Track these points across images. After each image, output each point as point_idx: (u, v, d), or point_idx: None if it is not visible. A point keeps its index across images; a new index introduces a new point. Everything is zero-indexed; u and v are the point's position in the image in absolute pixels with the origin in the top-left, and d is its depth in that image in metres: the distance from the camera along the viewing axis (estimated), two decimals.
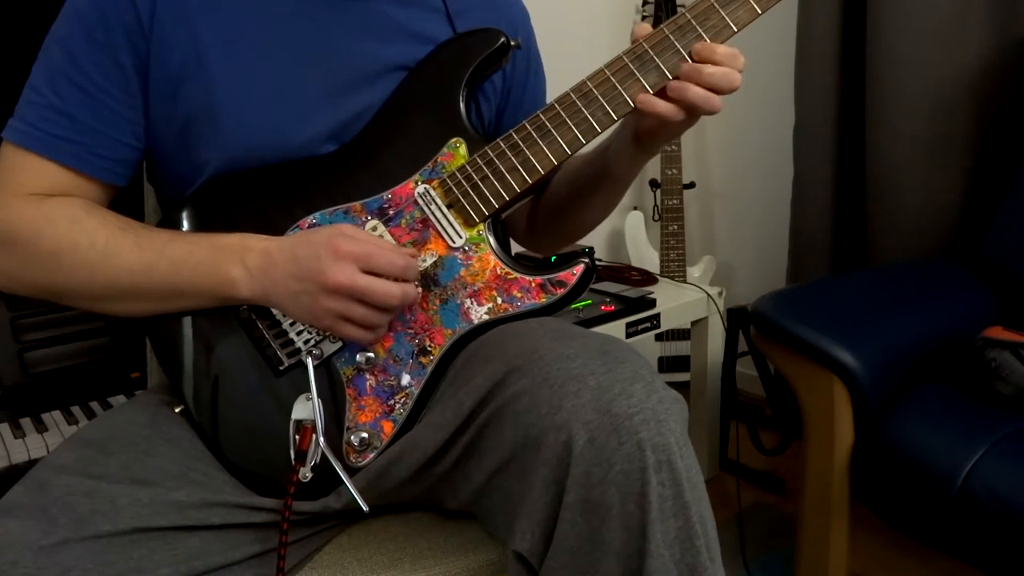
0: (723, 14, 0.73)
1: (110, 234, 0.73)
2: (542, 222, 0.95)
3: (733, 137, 2.14)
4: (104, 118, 0.75)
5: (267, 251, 0.72)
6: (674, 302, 1.65)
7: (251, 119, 0.76)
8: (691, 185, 2.08)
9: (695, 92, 0.71)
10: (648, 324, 1.58)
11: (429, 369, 0.75)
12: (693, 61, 0.72)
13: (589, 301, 1.58)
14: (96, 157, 0.76)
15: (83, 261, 0.72)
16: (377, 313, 0.71)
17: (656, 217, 2.04)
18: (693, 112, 0.73)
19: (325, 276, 0.69)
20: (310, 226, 0.77)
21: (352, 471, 0.73)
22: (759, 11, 0.74)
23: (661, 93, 0.73)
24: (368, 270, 0.70)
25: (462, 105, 0.78)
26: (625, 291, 1.64)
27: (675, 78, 0.72)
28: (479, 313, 0.75)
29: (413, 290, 0.73)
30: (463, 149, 0.77)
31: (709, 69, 0.71)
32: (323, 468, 0.71)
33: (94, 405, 1.22)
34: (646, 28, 0.74)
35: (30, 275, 0.75)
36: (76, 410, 1.21)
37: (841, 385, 1.16)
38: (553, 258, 0.78)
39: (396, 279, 0.71)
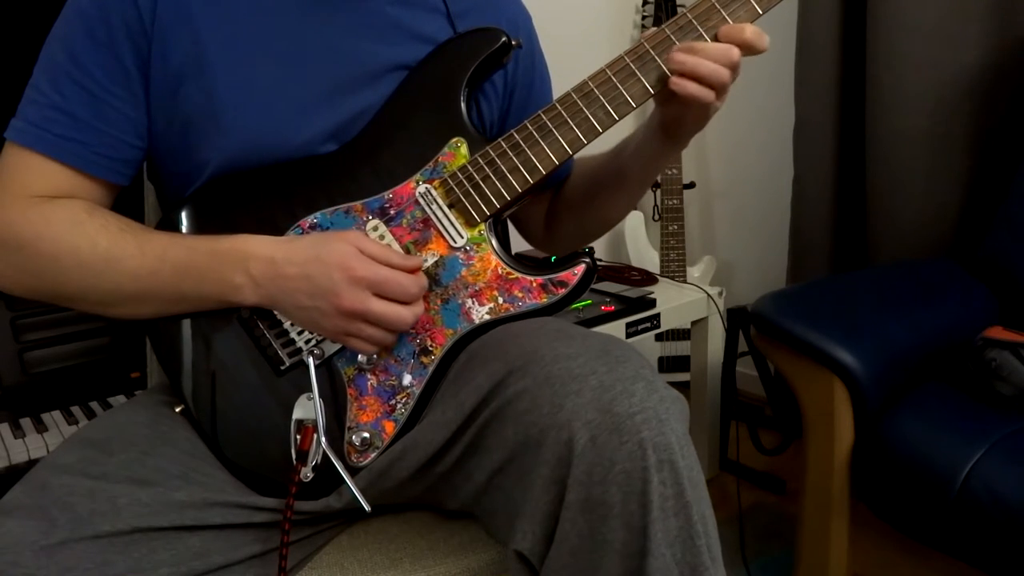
0: (724, 14, 0.73)
1: (111, 238, 0.73)
2: (561, 222, 0.94)
3: (733, 137, 2.14)
4: (106, 117, 0.75)
5: (272, 259, 0.72)
6: (674, 302, 1.65)
7: (252, 118, 0.76)
8: (691, 185, 2.08)
9: (706, 66, 0.71)
10: (648, 324, 1.58)
11: (430, 369, 0.75)
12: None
13: (589, 301, 1.58)
14: (98, 156, 0.76)
15: (84, 265, 0.72)
16: (385, 333, 0.72)
17: (656, 217, 2.04)
18: (715, 89, 0.72)
19: (340, 300, 0.69)
20: (311, 226, 0.76)
21: (353, 471, 0.73)
22: (759, 11, 0.74)
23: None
24: (380, 295, 0.70)
25: (463, 104, 0.78)
26: (625, 291, 1.64)
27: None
28: (480, 313, 0.75)
29: (422, 309, 0.74)
30: (464, 149, 0.77)
31: (701, 45, 0.71)
32: (324, 468, 0.71)
33: (94, 405, 1.22)
34: (654, 30, 0.74)
35: (32, 278, 0.74)
36: (76, 410, 1.21)
37: (841, 385, 1.16)
38: (553, 258, 0.78)
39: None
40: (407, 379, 0.75)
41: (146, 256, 0.73)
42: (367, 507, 0.70)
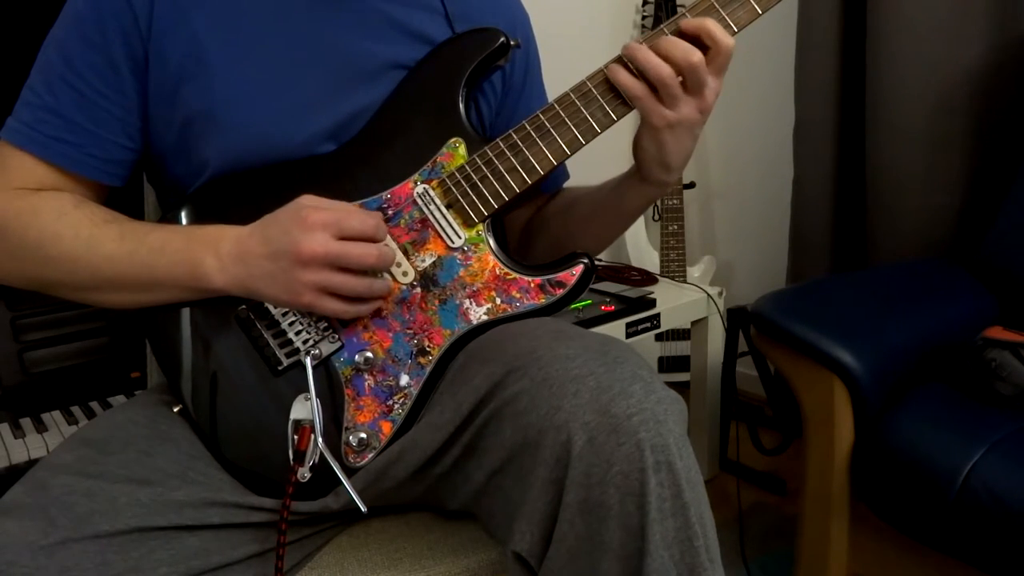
0: (723, 14, 0.73)
1: (95, 225, 0.74)
2: (535, 242, 0.93)
3: (733, 137, 2.14)
4: (97, 119, 0.75)
5: (239, 238, 0.72)
6: (674, 302, 1.65)
7: (250, 119, 0.76)
8: (691, 185, 2.08)
9: (643, 53, 0.70)
10: (648, 324, 1.58)
11: (428, 369, 0.75)
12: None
13: (589, 301, 1.58)
14: (89, 157, 0.76)
15: (67, 251, 0.73)
16: (357, 279, 0.70)
17: (656, 217, 2.04)
18: (661, 90, 0.71)
19: (299, 248, 0.68)
20: None
21: (351, 471, 0.73)
22: (759, 11, 0.74)
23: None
24: (341, 236, 0.69)
25: (461, 105, 0.78)
26: (625, 291, 1.64)
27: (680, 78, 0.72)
28: (478, 313, 0.75)
29: (388, 250, 0.72)
30: (462, 149, 0.77)
31: (667, 38, 0.70)
32: (322, 468, 0.71)
33: (94, 405, 1.22)
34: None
35: (18, 266, 0.76)
36: (76, 410, 1.21)
37: (841, 385, 1.16)
38: None
39: (370, 240, 0.71)
40: (404, 379, 0.75)
41: (125, 240, 0.73)
42: (363, 508, 0.70)
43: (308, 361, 0.73)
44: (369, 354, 0.75)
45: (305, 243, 0.68)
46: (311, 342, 0.75)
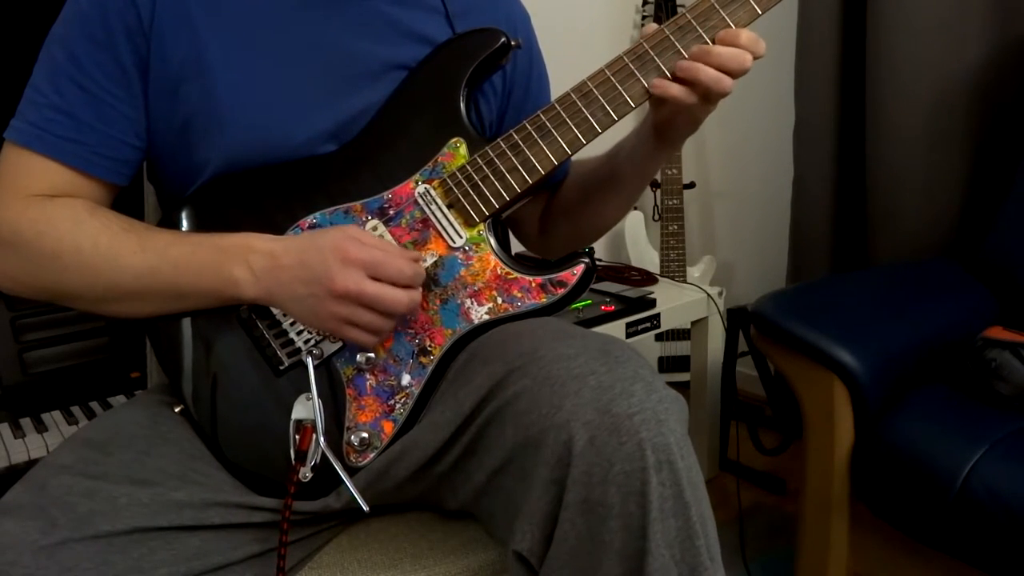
0: (723, 14, 0.73)
1: (113, 235, 0.73)
2: (555, 225, 0.95)
3: (733, 137, 2.14)
4: (106, 117, 0.75)
5: (272, 253, 0.72)
6: (674, 302, 1.65)
7: (251, 118, 0.76)
8: (691, 185, 2.08)
9: (706, 72, 0.71)
10: (648, 324, 1.58)
11: (429, 369, 0.75)
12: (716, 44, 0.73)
13: (589, 301, 1.58)
14: (98, 157, 0.76)
15: (86, 263, 0.72)
16: (382, 318, 0.71)
17: (656, 217, 2.04)
18: (707, 96, 0.73)
19: (334, 282, 0.69)
20: (310, 226, 0.77)
21: (352, 471, 0.73)
22: (759, 11, 0.74)
23: (674, 77, 0.73)
24: (376, 277, 0.70)
25: (462, 105, 0.78)
26: (625, 291, 1.64)
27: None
28: (479, 313, 0.75)
29: (418, 296, 0.73)
30: (463, 149, 0.77)
31: (719, 49, 0.72)
32: (323, 468, 0.71)
33: (94, 405, 1.22)
34: (653, 27, 0.75)
35: (32, 277, 0.75)
36: (76, 410, 1.21)
37: (841, 385, 1.16)
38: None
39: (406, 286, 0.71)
40: (406, 379, 0.75)
41: (147, 253, 0.73)
42: (365, 507, 0.70)
43: (309, 361, 0.73)
44: (371, 354, 0.75)
45: (340, 278, 0.69)
46: (312, 342, 0.75)
